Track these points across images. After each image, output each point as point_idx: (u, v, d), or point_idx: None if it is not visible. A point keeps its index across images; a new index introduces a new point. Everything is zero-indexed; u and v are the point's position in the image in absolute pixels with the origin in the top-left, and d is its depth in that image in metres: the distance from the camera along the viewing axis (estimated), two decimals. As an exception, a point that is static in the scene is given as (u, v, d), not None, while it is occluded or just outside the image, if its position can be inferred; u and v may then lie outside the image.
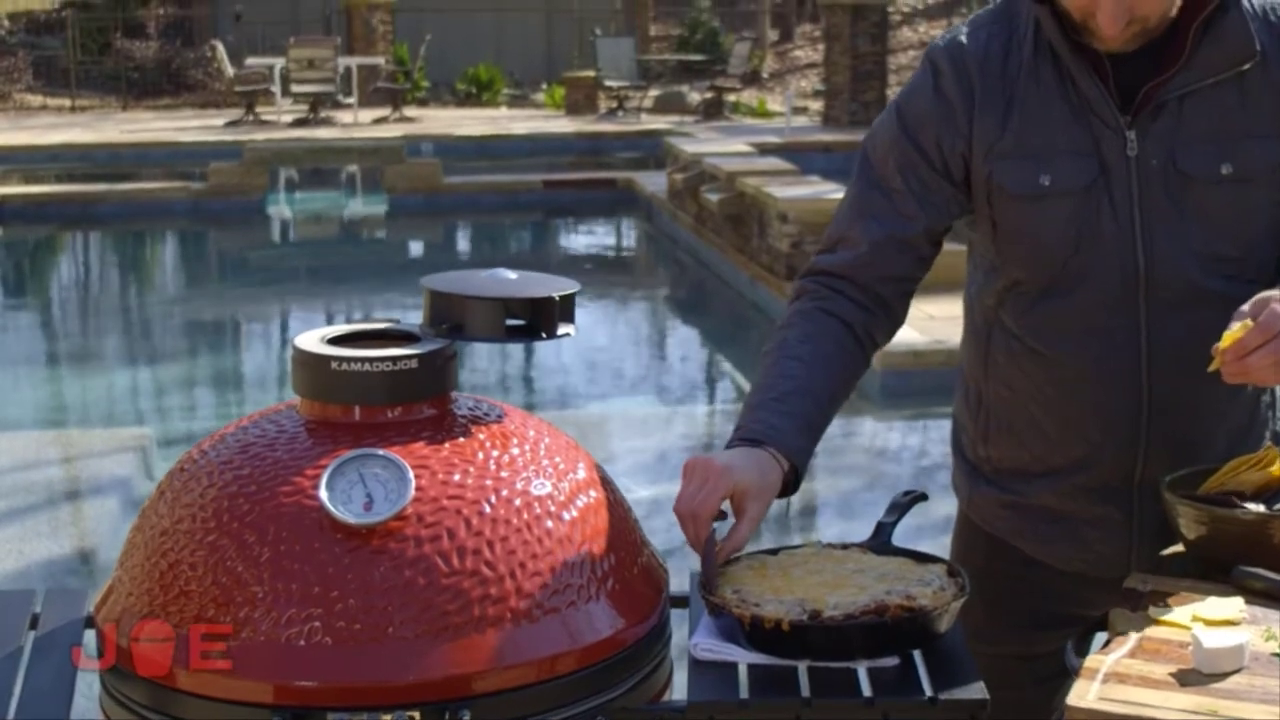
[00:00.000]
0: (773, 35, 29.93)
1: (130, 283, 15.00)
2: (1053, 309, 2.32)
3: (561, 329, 2.02)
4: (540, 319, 2.01)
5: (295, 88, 21.57)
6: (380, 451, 1.85)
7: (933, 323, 9.18)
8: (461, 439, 1.93)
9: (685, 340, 12.02)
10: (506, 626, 1.80)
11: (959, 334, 2.58)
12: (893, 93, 23.12)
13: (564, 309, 2.03)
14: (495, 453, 1.92)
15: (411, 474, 1.82)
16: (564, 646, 1.82)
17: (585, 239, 16.83)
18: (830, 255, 2.36)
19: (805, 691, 1.83)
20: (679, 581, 2.14)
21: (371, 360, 1.93)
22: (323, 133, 20.00)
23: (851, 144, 13.19)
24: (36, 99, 25.04)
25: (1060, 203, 2.27)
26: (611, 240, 16.67)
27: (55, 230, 16.07)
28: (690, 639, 1.96)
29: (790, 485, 2.14)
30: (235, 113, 21.90)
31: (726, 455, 2.11)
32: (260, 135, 18.96)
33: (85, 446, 7.63)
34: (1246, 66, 2.24)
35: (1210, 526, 2.07)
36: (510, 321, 2.02)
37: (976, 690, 1.84)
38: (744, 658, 1.90)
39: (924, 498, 2.24)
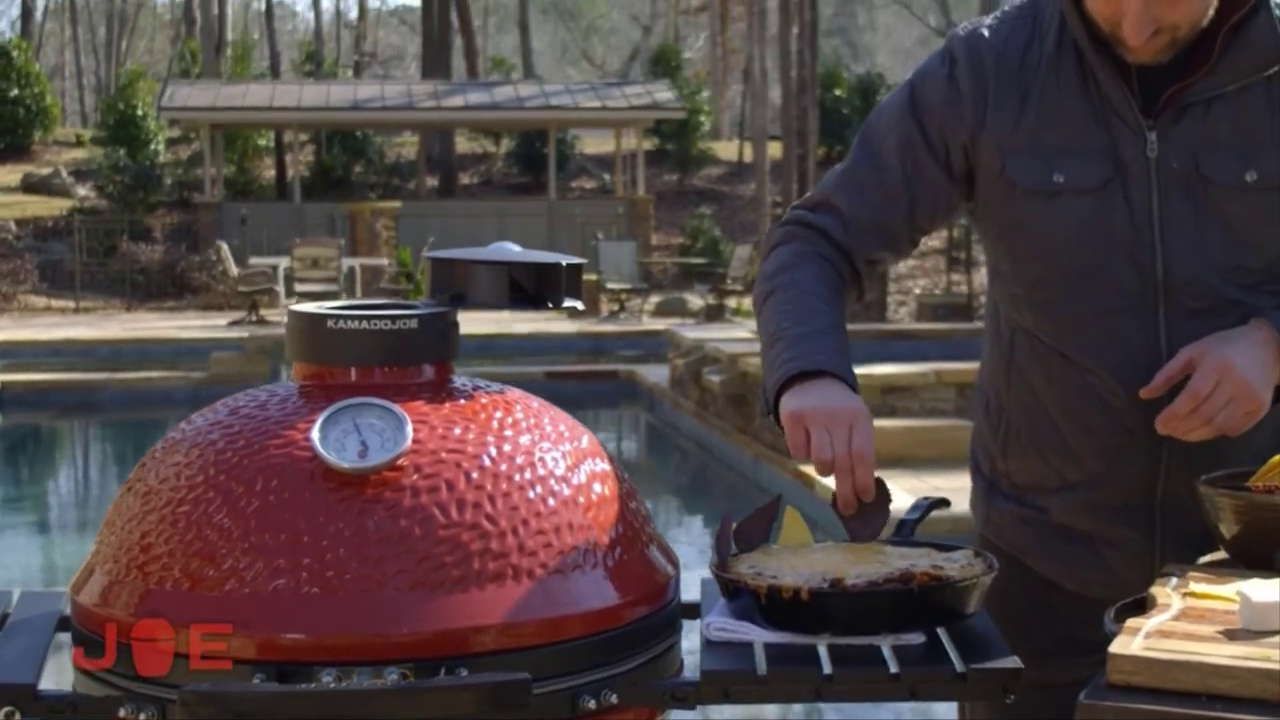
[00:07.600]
0: (773, 244, 30.18)
1: (128, 466, 14.87)
2: (1070, 312, 2.26)
3: (568, 301, 1.94)
4: (546, 287, 1.93)
5: (299, 287, 21.71)
6: (376, 400, 1.75)
7: (938, 494, 9.07)
8: (463, 401, 1.84)
9: (689, 522, 11.89)
10: (507, 583, 1.68)
11: (965, 502, 2.55)
12: (894, 287, 23.29)
13: (571, 280, 1.95)
14: (498, 414, 1.83)
15: (409, 422, 1.73)
16: (567, 610, 1.71)
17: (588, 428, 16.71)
18: (812, 213, 2.37)
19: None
20: (688, 595, 2.01)
21: (370, 319, 1.85)
22: (325, 330, 20.04)
23: (852, 332, 13.13)
24: (41, 300, 25.22)
25: (1074, 201, 2.22)
26: (613, 429, 16.60)
27: (55, 417, 16.03)
28: (702, 622, 1.84)
29: None
30: (239, 314, 21.99)
31: (822, 395, 2.09)
32: (263, 333, 18.99)
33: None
34: (1273, 71, 2.19)
35: (1251, 516, 1.97)
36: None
37: (1009, 661, 1.72)
38: (760, 636, 1.78)
39: (946, 503, 2.17)
